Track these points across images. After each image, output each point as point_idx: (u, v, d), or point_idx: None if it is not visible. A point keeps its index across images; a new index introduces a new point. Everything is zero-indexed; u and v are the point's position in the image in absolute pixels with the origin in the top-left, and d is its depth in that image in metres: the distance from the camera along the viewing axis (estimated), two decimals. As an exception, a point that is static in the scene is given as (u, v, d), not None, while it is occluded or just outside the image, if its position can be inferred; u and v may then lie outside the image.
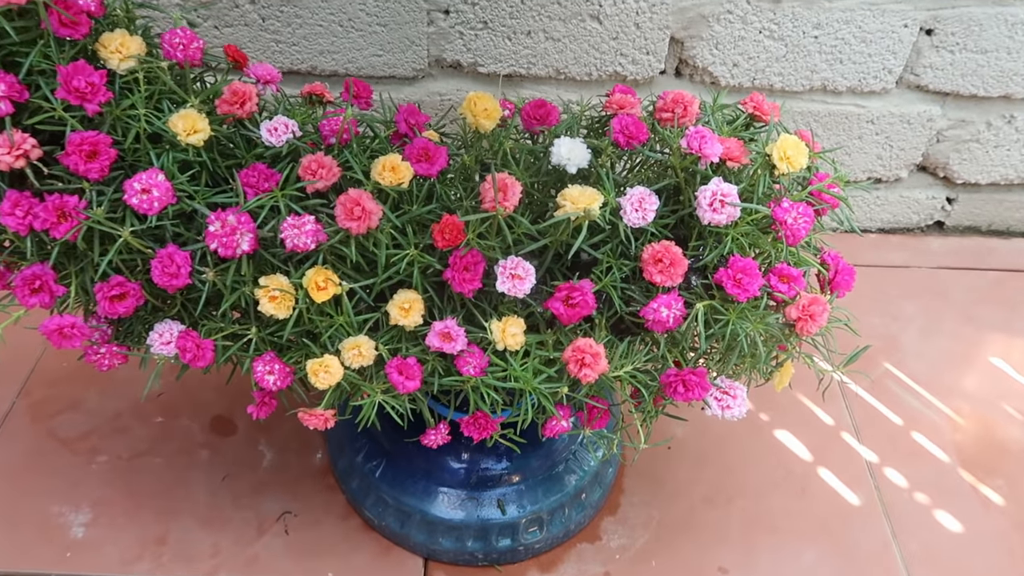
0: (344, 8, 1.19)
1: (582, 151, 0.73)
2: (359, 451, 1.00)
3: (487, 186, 0.70)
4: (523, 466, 0.97)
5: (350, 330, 0.71)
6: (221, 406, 1.13)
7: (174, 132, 0.67)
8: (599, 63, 1.25)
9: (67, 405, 1.12)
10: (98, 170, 0.63)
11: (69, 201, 0.63)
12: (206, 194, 0.69)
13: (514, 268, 0.70)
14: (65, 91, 0.61)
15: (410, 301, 0.71)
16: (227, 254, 0.67)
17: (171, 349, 0.72)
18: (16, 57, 0.63)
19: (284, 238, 0.67)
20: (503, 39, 1.23)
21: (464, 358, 0.72)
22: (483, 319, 0.74)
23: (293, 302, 0.69)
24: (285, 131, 0.71)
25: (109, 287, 0.67)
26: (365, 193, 0.67)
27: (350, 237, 0.68)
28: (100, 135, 0.63)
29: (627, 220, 0.70)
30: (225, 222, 0.66)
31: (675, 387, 0.71)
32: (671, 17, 1.20)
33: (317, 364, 0.70)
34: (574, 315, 0.70)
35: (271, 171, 0.70)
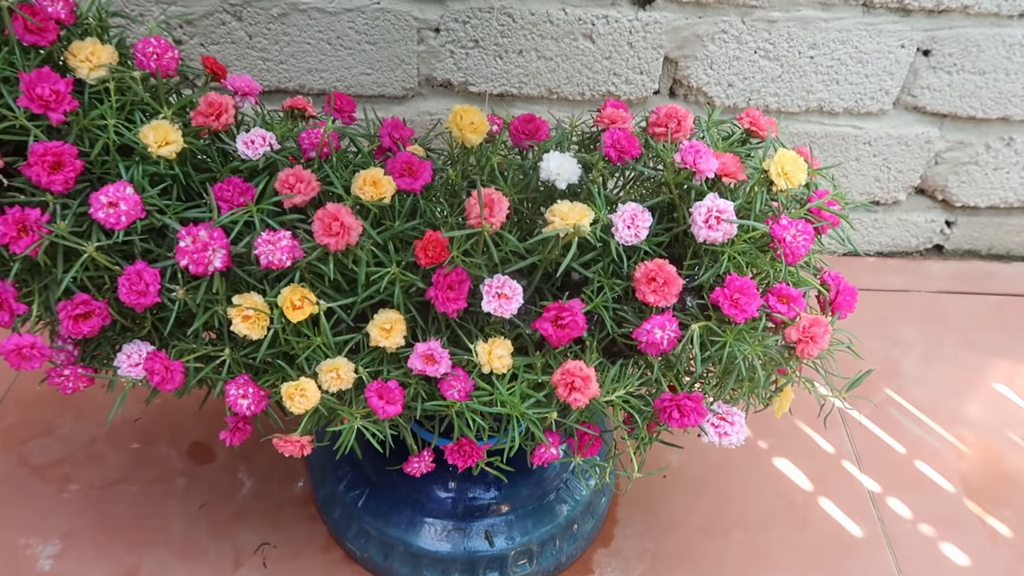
0: (333, 26, 1.17)
1: (572, 166, 0.70)
2: (341, 479, 0.96)
3: (472, 201, 0.67)
4: (512, 495, 0.93)
5: (328, 352, 0.68)
6: (199, 432, 1.09)
7: (145, 144, 0.64)
8: (592, 83, 1.23)
9: (40, 430, 1.08)
10: (62, 182, 0.60)
11: (30, 214, 0.60)
12: (177, 209, 0.66)
13: (500, 287, 0.66)
14: (28, 99, 0.58)
15: (391, 321, 0.68)
16: (198, 271, 0.64)
17: (140, 371, 0.68)
18: (-20, 65, 0.61)
19: (258, 254, 0.64)
20: (494, 58, 1.21)
21: (448, 382, 0.69)
22: (468, 340, 0.70)
23: (268, 322, 0.66)
24: (262, 144, 0.68)
25: (73, 305, 0.64)
26: (344, 208, 0.64)
27: (328, 254, 0.65)
28: (65, 145, 0.60)
29: (619, 237, 0.67)
30: (197, 237, 0.63)
31: (670, 413, 0.68)
32: (665, 36, 1.18)
33: (293, 388, 0.66)
34: (564, 336, 0.67)
35: (247, 185, 0.67)
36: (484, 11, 1.16)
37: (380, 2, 1.15)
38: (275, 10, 1.16)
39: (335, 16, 1.16)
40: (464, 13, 1.16)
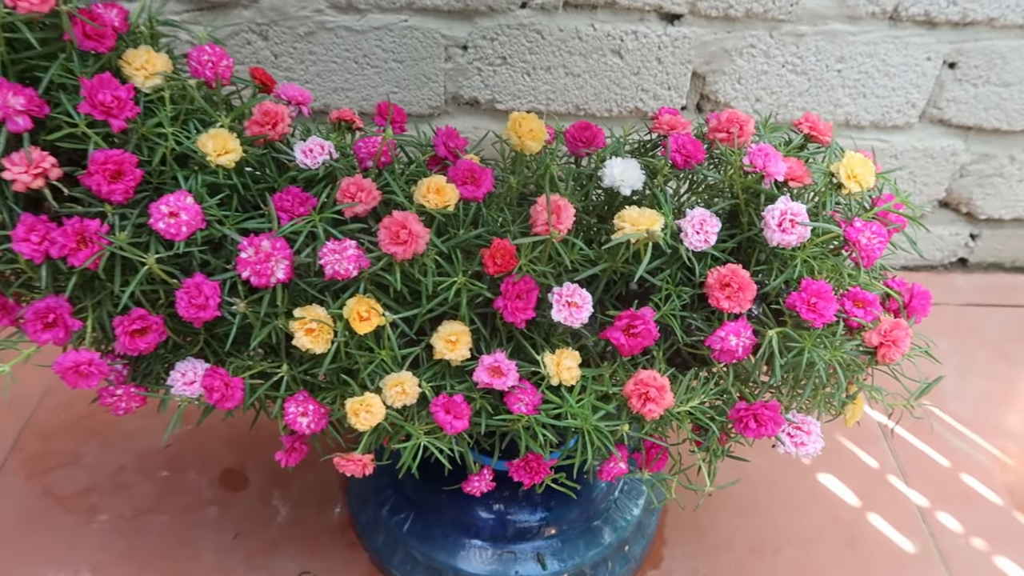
0: (360, 44, 1.16)
1: (636, 172, 0.69)
2: (383, 504, 0.93)
3: (539, 209, 0.65)
4: (561, 517, 0.90)
5: (392, 366, 0.66)
6: (232, 458, 1.06)
7: (204, 152, 0.62)
8: (620, 99, 1.22)
9: (65, 460, 1.05)
10: (122, 192, 0.58)
11: (90, 225, 0.58)
12: (236, 219, 0.63)
13: (570, 296, 0.65)
14: (89, 105, 0.56)
15: (456, 333, 0.66)
16: (260, 283, 0.62)
17: (195, 389, 0.65)
18: (35, 71, 0.59)
19: (324, 264, 0.62)
20: (522, 75, 1.20)
21: (515, 395, 0.66)
22: (532, 352, 0.68)
23: (331, 335, 0.63)
24: (321, 152, 0.67)
25: (130, 321, 0.61)
26: (412, 215, 0.62)
27: (394, 263, 0.63)
28: (125, 154, 0.58)
29: (688, 243, 0.66)
30: (259, 248, 0.61)
31: (746, 423, 0.66)
32: (693, 52, 1.18)
33: (358, 403, 0.64)
34: (636, 345, 0.65)
35: (306, 195, 0.65)
36: (513, 28, 1.15)
37: (408, 20, 1.14)
38: (302, 29, 1.15)
39: (362, 35, 1.15)
40: (492, 30, 1.15)
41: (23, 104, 0.55)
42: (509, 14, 1.14)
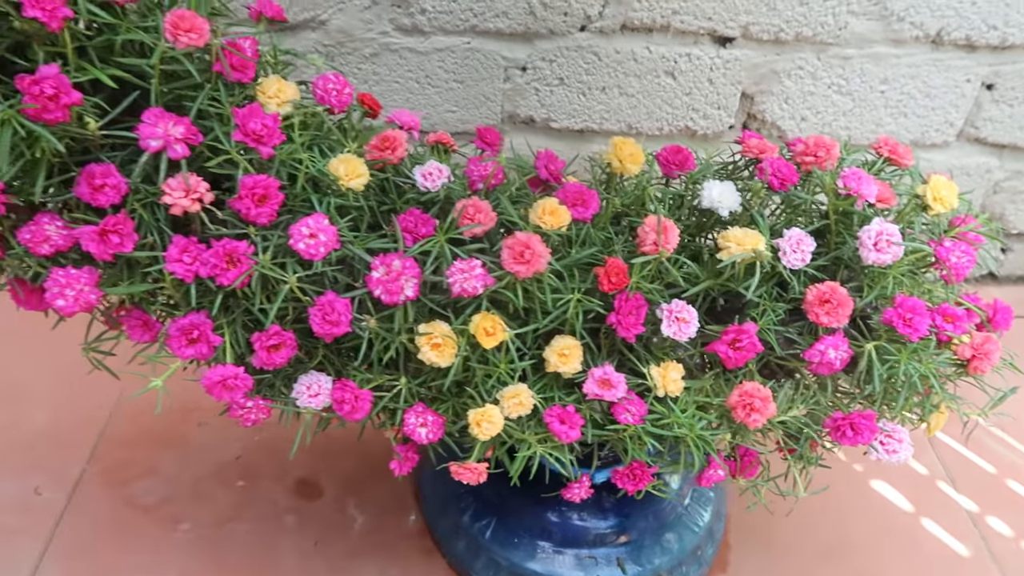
0: (423, 65, 1.20)
1: (733, 194, 0.73)
2: (464, 511, 0.96)
3: (647, 229, 0.69)
4: (635, 524, 0.93)
5: (508, 378, 0.69)
6: (304, 468, 1.09)
7: (335, 176, 0.66)
8: (671, 117, 1.26)
9: (142, 470, 1.07)
10: (267, 215, 0.61)
11: (238, 247, 0.61)
12: (365, 239, 0.67)
13: (679, 312, 0.68)
14: (242, 133, 0.60)
15: (569, 347, 0.69)
16: (390, 300, 0.65)
17: (319, 402, 0.69)
18: (182, 100, 0.62)
19: (452, 283, 0.65)
20: (577, 95, 1.24)
21: (623, 405, 0.70)
22: (637, 364, 0.72)
23: (456, 349, 0.67)
24: (440, 176, 0.70)
25: (267, 337, 0.64)
26: (534, 236, 0.66)
27: (515, 281, 0.66)
28: (270, 179, 0.61)
29: (786, 261, 0.70)
30: (390, 267, 0.65)
31: (843, 431, 0.69)
32: (744, 73, 1.22)
33: (479, 414, 0.67)
34: (740, 359, 0.69)
35: (426, 216, 0.69)
36: (571, 50, 1.19)
37: (471, 42, 1.18)
38: (367, 50, 1.18)
39: (425, 56, 1.19)
40: (551, 52, 1.19)
41: (182, 133, 0.58)
42: (568, 37, 1.18)
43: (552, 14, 1.16)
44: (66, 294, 0.59)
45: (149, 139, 0.57)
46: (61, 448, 1.09)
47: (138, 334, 0.65)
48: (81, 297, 0.59)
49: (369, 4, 1.15)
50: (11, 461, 1.06)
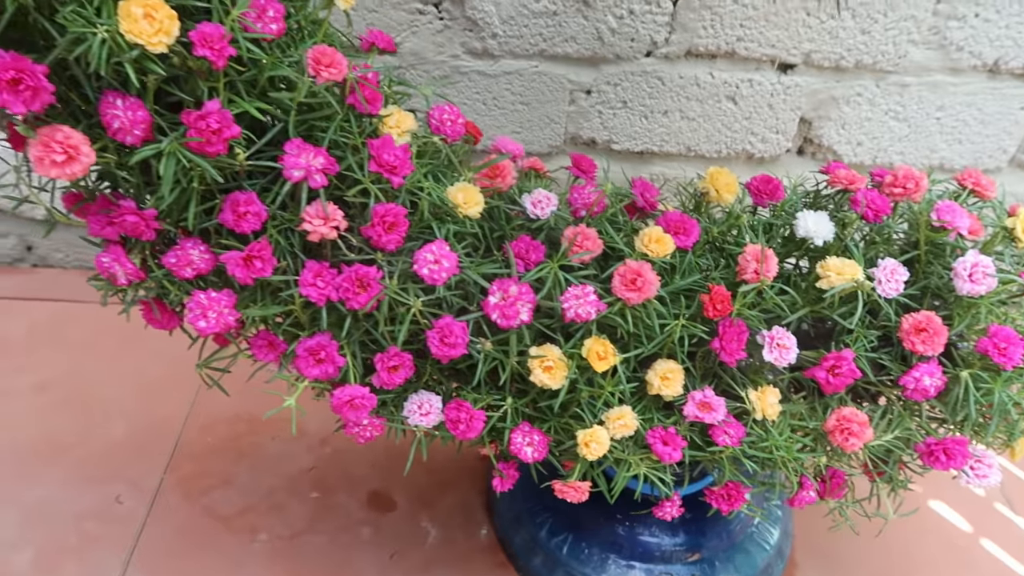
0: (490, 87, 1.23)
1: (827, 224, 0.75)
2: (541, 526, 0.98)
3: (748, 257, 0.71)
4: (711, 540, 0.96)
5: (613, 400, 0.71)
6: (376, 481, 1.11)
7: (454, 203, 0.68)
8: (730, 141, 1.29)
9: (218, 481, 1.10)
10: (395, 241, 0.64)
11: (369, 272, 0.64)
12: (480, 264, 0.69)
13: (780, 339, 0.71)
14: (377, 164, 0.63)
15: (672, 371, 0.72)
16: (506, 324, 0.67)
17: (430, 420, 0.71)
18: (314, 130, 0.65)
19: (566, 308, 0.68)
20: (640, 118, 1.26)
21: (721, 428, 0.72)
22: (733, 387, 0.74)
23: (566, 372, 0.69)
24: (548, 204, 0.73)
25: (388, 358, 0.67)
26: (646, 264, 0.68)
27: (625, 307, 0.69)
28: (399, 208, 0.64)
29: (881, 291, 0.72)
30: (507, 292, 0.67)
31: (936, 456, 0.72)
32: (803, 99, 1.25)
33: (589, 435, 0.70)
34: (839, 384, 0.71)
35: (536, 242, 0.71)
36: (636, 75, 1.22)
37: (539, 66, 1.21)
38: (437, 72, 1.21)
39: (494, 78, 1.22)
40: (616, 76, 1.22)
41: (322, 164, 0.61)
42: (634, 62, 1.21)
43: (619, 40, 1.18)
44: (208, 316, 0.61)
45: (292, 169, 0.60)
46: (139, 458, 1.11)
47: (263, 354, 0.68)
48: (221, 319, 0.62)
49: (442, 28, 1.18)
50: (92, 470, 1.09)
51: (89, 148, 0.52)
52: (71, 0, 0.48)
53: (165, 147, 0.54)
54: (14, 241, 1.40)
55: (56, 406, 1.17)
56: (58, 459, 1.10)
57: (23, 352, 1.25)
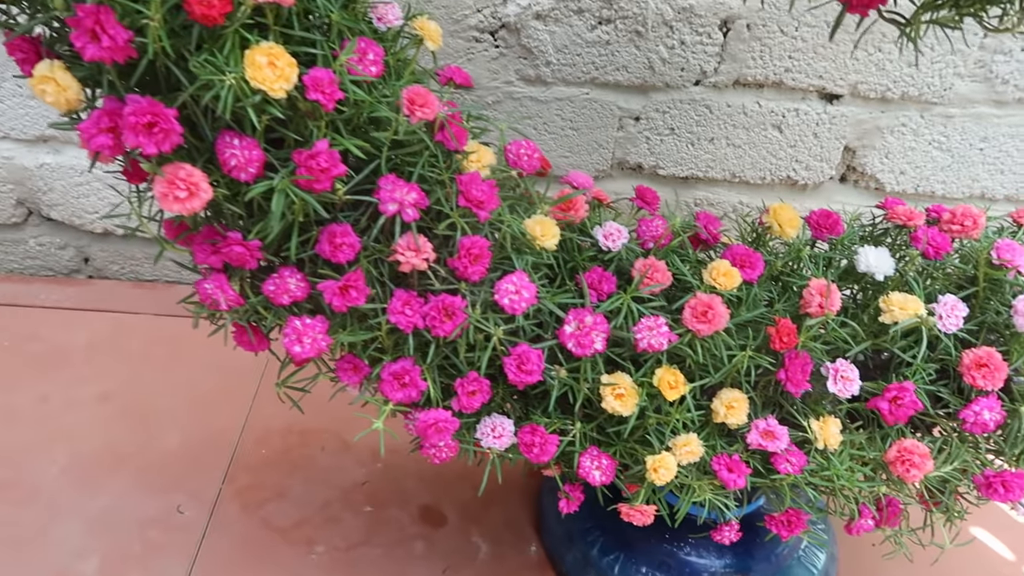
0: (542, 113, 1.26)
1: (888, 260, 0.77)
2: (592, 544, 1.00)
3: (812, 291, 0.74)
4: (759, 564, 0.97)
5: (680, 428, 0.74)
6: (427, 495, 1.14)
7: (532, 236, 0.71)
8: (774, 168, 1.32)
9: (274, 493, 1.13)
10: (479, 273, 0.67)
11: (455, 301, 0.66)
12: (555, 294, 0.72)
13: (844, 371, 0.73)
14: (465, 199, 0.66)
15: (737, 400, 0.74)
16: (581, 353, 0.70)
17: (503, 442, 0.74)
18: (403, 165, 0.68)
19: (639, 339, 0.70)
20: (686, 144, 1.29)
21: (783, 456, 0.75)
22: (795, 416, 0.76)
23: (636, 399, 0.72)
24: (619, 236, 0.76)
25: (468, 383, 0.70)
26: (716, 298, 0.71)
27: (695, 338, 0.72)
28: (483, 240, 0.67)
29: (941, 325, 0.74)
30: (583, 322, 0.70)
31: (995, 488, 0.74)
32: (848, 128, 1.27)
33: (658, 461, 0.72)
34: (900, 416, 0.73)
35: (607, 273, 0.74)
36: (684, 102, 1.25)
37: (590, 93, 1.24)
38: (490, 98, 1.25)
39: (545, 104, 1.25)
40: (665, 104, 1.25)
41: (414, 199, 0.64)
42: (683, 90, 1.24)
43: (670, 69, 1.21)
44: (303, 341, 0.64)
45: (388, 203, 0.63)
46: (196, 469, 1.14)
47: (347, 376, 0.71)
48: (315, 344, 0.65)
49: (497, 56, 1.21)
50: (153, 479, 1.12)
51: (207, 185, 0.56)
52: (203, 49, 0.51)
53: (277, 184, 0.57)
54: (72, 253, 1.44)
55: (117, 416, 1.21)
56: (120, 468, 1.13)
57: (84, 363, 1.29)
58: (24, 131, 1.29)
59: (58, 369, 1.28)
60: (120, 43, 0.48)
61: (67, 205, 1.36)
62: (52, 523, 1.06)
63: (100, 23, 0.47)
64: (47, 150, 1.31)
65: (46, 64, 0.52)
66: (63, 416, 1.20)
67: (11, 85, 1.24)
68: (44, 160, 1.31)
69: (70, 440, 1.17)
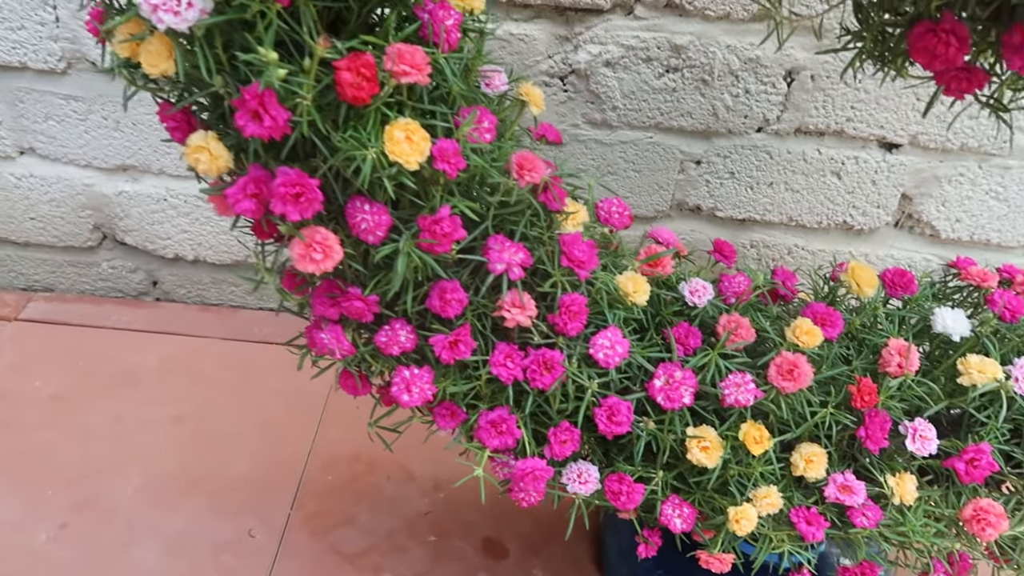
0: (605, 155, 1.29)
1: (964, 322, 0.80)
2: (656, 585, 1.03)
3: (892, 351, 0.76)
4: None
5: (762, 480, 0.77)
6: (488, 527, 1.16)
7: (624, 291, 0.74)
8: (831, 213, 1.34)
9: (341, 520, 1.16)
10: (577, 328, 0.70)
11: (554, 355, 0.70)
12: (644, 347, 0.75)
13: (923, 430, 0.75)
14: (568, 259, 0.69)
15: (816, 455, 0.77)
16: (669, 406, 0.73)
17: (588, 488, 0.77)
18: (506, 223, 0.71)
19: (726, 394, 0.73)
20: (745, 188, 1.32)
21: (860, 510, 0.77)
22: (871, 471, 0.79)
23: (721, 452, 0.75)
24: (705, 293, 0.79)
25: (560, 432, 0.73)
26: (801, 356, 0.73)
27: (780, 395, 0.74)
28: (581, 297, 0.70)
29: (1018, 388, 0.76)
30: (672, 377, 0.73)
31: (1069, 548, 0.76)
32: (907, 177, 1.30)
33: (740, 512, 0.75)
34: (976, 476, 0.76)
35: (693, 328, 0.77)
36: (746, 148, 1.28)
37: (653, 137, 1.27)
38: (556, 140, 1.28)
39: (609, 147, 1.29)
40: (727, 149, 1.28)
41: (521, 259, 0.67)
42: (745, 136, 1.27)
43: (733, 116, 1.24)
44: (412, 391, 0.68)
45: (496, 263, 0.67)
46: (266, 494, 1.18)
47: (445, 422, 0.74)
48: (422, 393, 0.68)
49: (565, 100, 1.25)
50: (225, 504, 1.16)
51: (339, 247, 0.59)
52: (348, 126, 0.55)
53: (402, 247, 0.61)
54: (141, 276, 1.49)
55: (189, 439, 1.25)
56: (193, 491, 1.17)
57: (156, 384, 1.33)
58: (106, 160, 1.34)
59: (131, 390, 1.32)
60: (280, 123, 0.51)
61: (141, 231, 1.41)
62: (130, 543, 1.10)
63: (263, 104, 0.51)
64: (126, 179, 1.36)
65: (200, 135, 0.56)
66: (137, 437, 1.25)
67: (97, 118, 1.29)
68: (123, 188, 1.37)
69: (144, 461, 1.21)
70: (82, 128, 1.31)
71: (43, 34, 1.21)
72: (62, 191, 1.37)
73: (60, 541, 1.09)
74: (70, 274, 1.49)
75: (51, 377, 1.33)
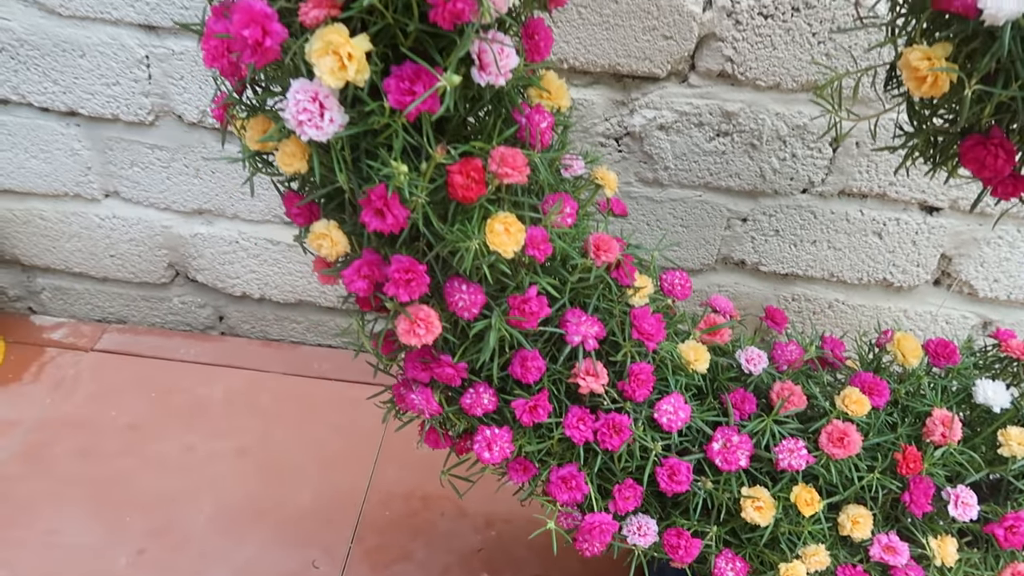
0: (655, 211, 1.36)
1: (1004, 393, 0.85)
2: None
3: (936, 421, 0.82)
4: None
5: (811, 539, 0.82)
6: (538, 566, 1.22)
7: (686, 360, 0.80)
8: (871, 270, 1.39)
9: (399, 555, 1.22)
10: (644, 395, 0.77)
11: (623, 420, 0.76)
12: (703, 412, 0.81)
13: (965, 497, 0.80)
14: (638, 332, 0.75)
15: (862, 516, 0.82)
16: (726, 468, 0.79)
17: (647, 540, 0.82)
18: (580, 296, 0.78)
19: (780, 458, 0.79)
20: (789, 245, 1.38)
21: (903, 570, 0.82)
22: (913, 532, 0.84)
23: (773, 511, 0.80)
24: (760, 361, 0.85)
25: (624, 488, 0.79)
26: (851, 425, 0.79)
27: (830, 460, 0.80)
28: (649, 366, 0.77)
29: (1055, 460, 0.81)
30: (730, 441, 0.79)
31: (1103, 614, 0.80)
32: (947, 238, 1.35)
33: (789, 569, 0.80)
34: (1015, 542, 0.80)
35: (748, 394, 0.83)
36: (791, 208, 1.34)
37: (702, 196, 1.34)
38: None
39: (659, 204, 1.35)
40: (772, 208, 1.34)
41: (596, 332, 0.74)
42: (790, 197, 1.33)
43: (780, 178, 1.31)
44: (492, 449, 0.74)
45: (573, 335, 0.73)
46: (328, 526, 1.25)
47: (517, 476, 0.80)
48: (502, 451, 0.75)
49: (620, 159, 1.32)
50: (289, 534, 1.23)
51: (439, 322, 0.66)
52: (456, 221, 0.62)
53: (494, 323, 0.67)
54: (209, 311, 1.57)
55: (254, 470, 1.32)
56: (260, 521, 1.24)
57: (223, 416, 1.41)
58: (184, 204, 1.43)
59: (199, 420, 1.40)
60: (401, 220, 0.59)
61: (212, 270, 1.50)
62: (204, 571, 1.17)
63: (387, 204, 0.58)
64: (202, 221, 1.45)
65: (323, 224, 0.64)
66: (207, 467, 1.32)
67: (179, 165, 1.38)
68: (198, 230, 1.45)
69: (214, 490, 1.28)
70: (164, 175, 1.40)
71: (136, 90, 1.31)
72: (141, 231, 1.47)
73: (139, 567, 1.17)
74: (142, 307, 1.58)
75: (126, 407, 1.41)
